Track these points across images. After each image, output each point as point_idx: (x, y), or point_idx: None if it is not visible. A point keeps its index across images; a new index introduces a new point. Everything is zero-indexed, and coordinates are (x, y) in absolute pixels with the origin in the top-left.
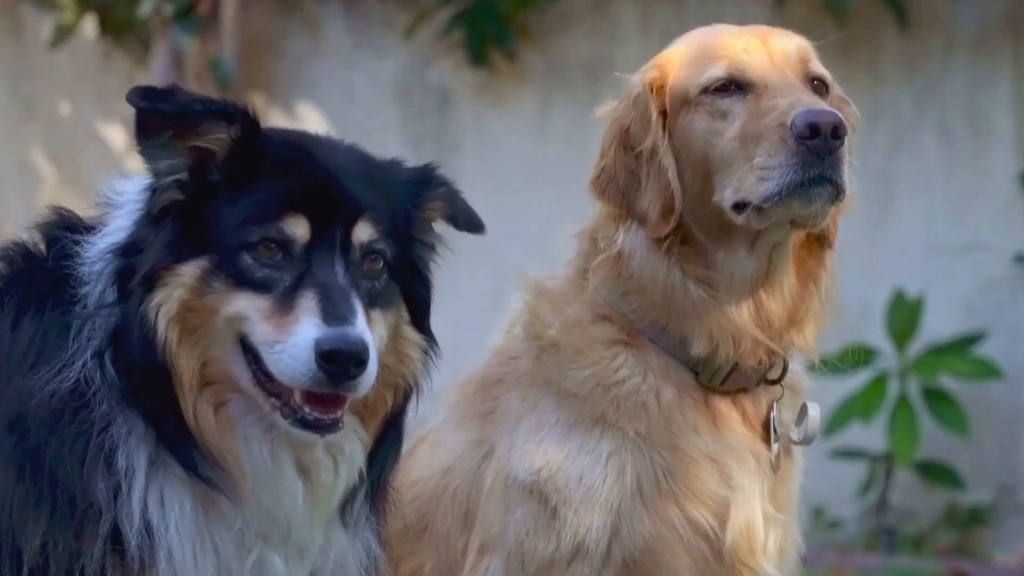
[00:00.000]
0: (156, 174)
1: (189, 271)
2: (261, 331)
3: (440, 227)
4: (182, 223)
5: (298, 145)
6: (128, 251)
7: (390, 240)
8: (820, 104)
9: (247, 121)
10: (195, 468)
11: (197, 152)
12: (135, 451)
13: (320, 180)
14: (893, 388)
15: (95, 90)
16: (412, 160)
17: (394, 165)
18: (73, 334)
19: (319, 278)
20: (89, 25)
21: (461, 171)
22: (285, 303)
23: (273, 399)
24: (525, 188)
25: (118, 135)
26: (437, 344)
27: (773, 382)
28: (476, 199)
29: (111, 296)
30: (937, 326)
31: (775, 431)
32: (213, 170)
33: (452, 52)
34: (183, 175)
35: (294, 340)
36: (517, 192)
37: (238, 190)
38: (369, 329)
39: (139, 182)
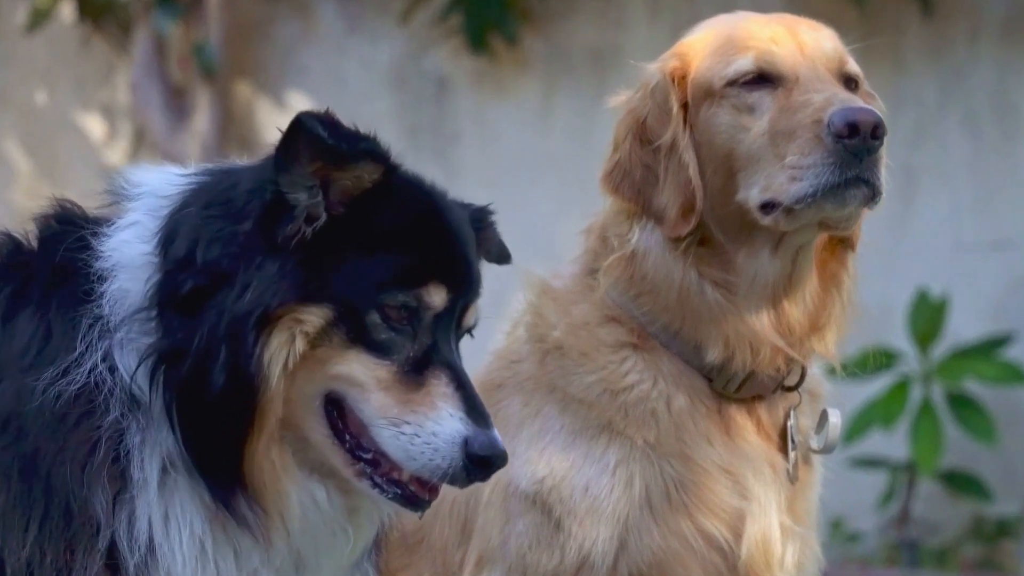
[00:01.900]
0: (293, 205)
1: (314, 320)
2: (379, 402)
3: None
4: (302, 259)
5: (427, 199)
6: (203, 270)
7: None
8: (856, 101)
9: (389, 165)
10: (229, 503)
11: (333, 186)
12: (148, 463)
13: (456, 250)
14: (916, 393)
15: (73, 78)
16: (408, 152)
17: (464, 207)
18: (82, 333)
19: (445, 357)
20: (66, 9)
21: (460, 163)
22: (411, 378)
23: (362, 465)
24: (527, 181)
25: (96, 125)
26: None
27: (790, 388)
28: (475, 193)
29: (151, 305)
30: (962, 328)
31: (793, 440)
32: (343, 206)
33: (450, 38)
34: (321, 212)
35: (435, 429)
36: (519, 185)
37: (372, 240)
38: None
39: (155, 174)
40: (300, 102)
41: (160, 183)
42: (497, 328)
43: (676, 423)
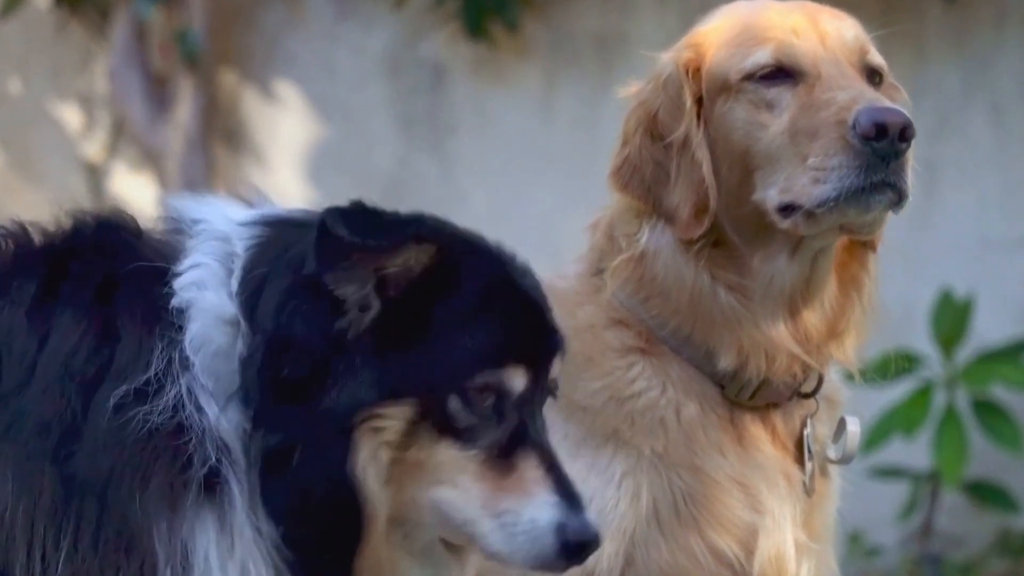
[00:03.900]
0: (343, 299)
1: (394, 425)
2: (474, 494)
3: None
4: (379, 355)
5: (494, 270)
6: (286, 353)
7: None
8: (883, 100)
9: (442, 243)
10: None
11: (385, 275)
12: (240, 514)
13: (532, 320)
14: (939, 399)
15: (49, 65)
16: (402, 145)
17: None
18: (156, 354)
19: (533, 437)
20: None
21: (457, 156)
22: (501, 463)
23: None
24: (529, 174)
25: (73, 115)
26: None
27: (807, 395)
28: (474, 186)
29: (249, 387)
30: (988, 330)
31: (809, 449)
32: (404, 293)
33: (447, 23)
34: (376, 305)
35: (531, 515)
36: (520, 179)
37: (440, 324)
38: None
39: (212, 211)
40: (288, 91)
41: (221, 224)
42: None
43: (686, 432)
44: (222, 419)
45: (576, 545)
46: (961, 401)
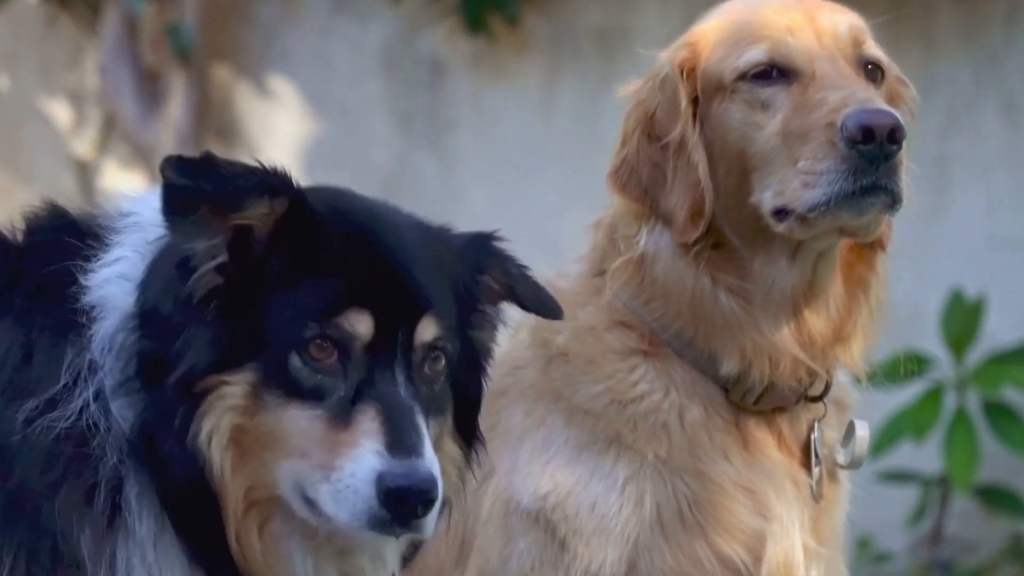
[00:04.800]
0: (192, 255)
1: (236, 391)
2: (310, 455)
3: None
4: (226, 315)
5: (355, 222)
6: (151, 327)
7: (454, 333)
8: (875, 101)
9: (294, 194)
10: None
11: (237, 230)
12: (146, 517)
13: (386, 270)
14: (950, 402)
15: (37, 61)
16: (400, 141)
17: (445, 232)
18: (66, 364)
19: (380, 389)
20: None
21: (456, 153)
22: (341, 419)
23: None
24: (529, 172)
25: (63, 111)
26: (483, 445)
27: (814, 399)
28: (473, 184)
29: (133, 374)
30: (1000, 331)
31: (816, 454)
32: (256, 249)
33: (445, 18)
34: (223, 257)
35: (352, 469)
36: (520, 176)
37: (288, 277)
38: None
39: (152, 201)
40: (283, 87)
41: (151, 217)
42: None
43: (689, 437)
44: (126, 415)
45: (398, 492)
46: (972, 404)
